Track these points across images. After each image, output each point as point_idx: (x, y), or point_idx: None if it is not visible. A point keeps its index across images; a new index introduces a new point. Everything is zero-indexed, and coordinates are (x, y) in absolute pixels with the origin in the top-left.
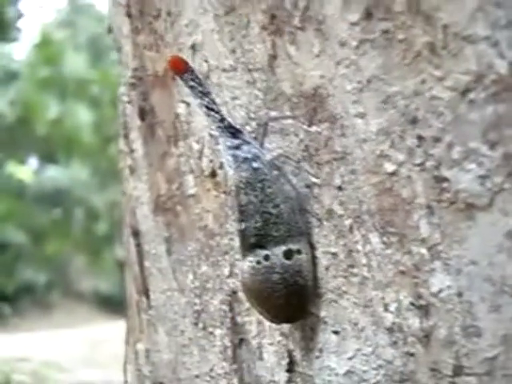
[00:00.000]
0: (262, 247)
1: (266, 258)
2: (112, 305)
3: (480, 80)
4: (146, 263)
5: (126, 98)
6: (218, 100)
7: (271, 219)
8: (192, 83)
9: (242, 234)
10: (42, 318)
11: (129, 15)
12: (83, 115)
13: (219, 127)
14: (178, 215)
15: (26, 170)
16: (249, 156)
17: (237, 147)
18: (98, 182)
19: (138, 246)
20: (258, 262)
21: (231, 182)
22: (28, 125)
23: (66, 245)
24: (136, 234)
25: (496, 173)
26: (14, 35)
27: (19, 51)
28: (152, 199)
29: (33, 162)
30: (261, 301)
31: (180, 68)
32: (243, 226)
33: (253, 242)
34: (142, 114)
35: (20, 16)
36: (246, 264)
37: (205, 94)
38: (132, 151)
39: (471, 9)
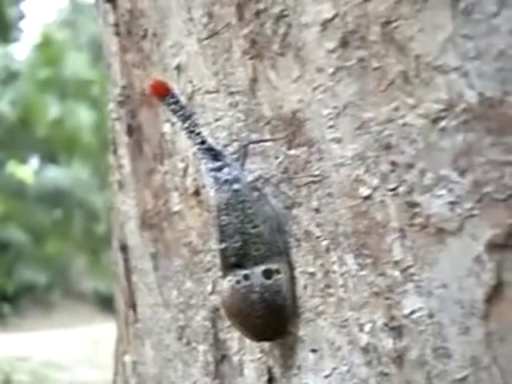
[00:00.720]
0: (242, 267)
1: (246, 277)
2: (112, 305)
3: (451, 108)
4: (134, 277)
5: (114, 115)
6: (201, 121)
7: (251, 239)
8: (173, 106)
9: (222, 254)
10: (42, 318)
11: (117, 34)
12: (84, 116)
13: (200, 149)
14: (164, 231)
15: (26, 170)
16: (229, 178)
17: (218, 169)
18: (99, 182)
19: (126, 260)
20: (238, 282)
21: (212, 202)
22: (29, 125)
23: (67, 245)
24: (124, 248)
25: (466, 199)
26: (16, 35)
27: (20, 51)
28: (139, 214)
29: (34, 162)
30: (240, 319)
31: (162, 92)
32: (223, 245)
33: (232, 262)
34: (130, 131)
35: (22, 17)
36: (226, 283)
37: (186, 117)
38: (120, 167)
39: (442, 40)
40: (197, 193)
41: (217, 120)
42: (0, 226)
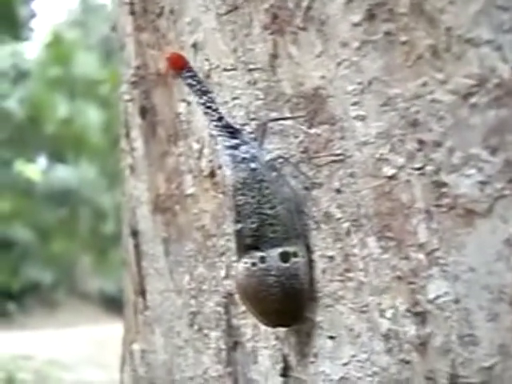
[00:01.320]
0: (258, 249)
1: (262, 259)
2: (117, 305)
3: (482, 84)
4: (144, 263)
5: (127, 97)
6: (218, 99)
7: (268, 220)
8: (191, 81)
9: (238, 235)
10: (47, 317)
11: (132, 13)
12: (92, 115)
13: (217, 126)
14: (177, 215)
15: (34, 169)
16: (247, 156)
17: (235, 147)
18: (106, 181)
19: (136, 246)
20: (254, 264)
21: (228, 181)
22: (37, 124)
23: (73, 244)
24: (135, 233)
25: (496, 179)
26: (26, 34)
27: (30, 50)
28: (151, 199)
29: (41, 161)
30: (255, 304)
31: (179, 65)
32: (239, 226)
33: (248, 243)
34: (143, 112)
35: (33, 16)
36: (241, 265)
37: (204, 92)
38: (132, 150)
39: (475, 11)
40: (212, 174)
41: (234, 99)
42: (7, 225)
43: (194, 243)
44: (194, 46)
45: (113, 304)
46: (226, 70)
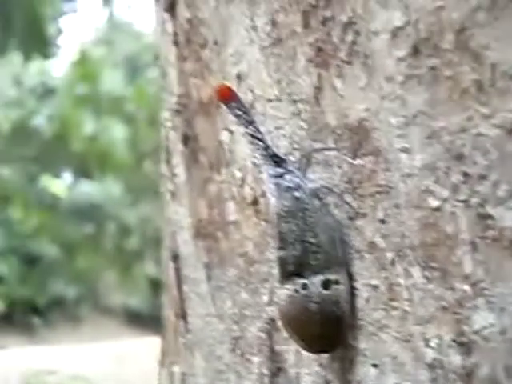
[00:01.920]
0: (300, 276)
1: (304, 286)
2: (141, 321)
3: None
4: (185, 287)
5: (169, 124)
6: (262, 129)
7: (311, 248)
8: (238, 111)
9: (281, 262)
10: (71, 332)
11: (176, 43)
12: (118, 132)
13: (263, 155)
14: (219, 241)
15: (59, 184)
16: (291, 185)
17: (280, 176)
18: (131, 197)
19: (177, 269)
20: (296, 291)
21: (273, 209)
22: (64, 140)
23: (97, 259)
24: (175, 257)
25: None
26: (53, 52)
27: (58, 68)
28: (193, 224)
29: (67, 177)
30: (297, 329)
31: (227, 96)
32: (282, 253)
33: (291, 270)
34: (186, 139)
35: (60, 33)
36: (284, 292)
37: (250, 122)
38: (174, 176)
39: None
40: (255, 202)
41: (278, 128)
42: (32, 240)
43: (236, 269)
44: (238, 76)
45: (136, 320)
46: (269, 100)
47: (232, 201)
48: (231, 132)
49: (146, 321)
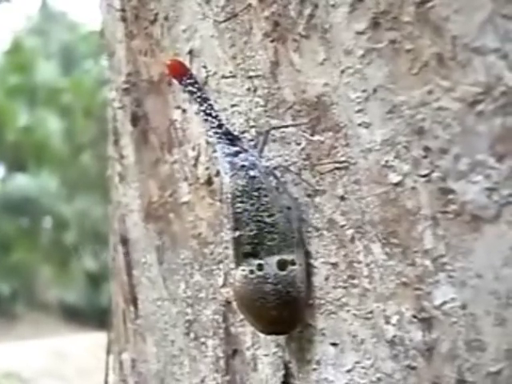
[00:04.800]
0: (256, 256)
1: (260, 267)
2: (79, 317)
3: (488, 92)
4: (135, 272)
5: (117, 104)
6: (216, 106)
7: (266, 228)
8: (191, 88)
9: (236, 243)
10: (6, 329)
11: (123, 20)
12: (53, 124)
13: (217, 133)
14: (171, 223)
15: None
16: (246, 164)
17: (234, 154)
18: (67, 191)
19: (127, 254)
20: (251, 272)
21: (227, 189)
22: None
23: (33, 254)
24: (125, 242)
25: (503, 185)
26: None
27: None
28: (143, 207)
29: (0, 169)
30: (252, 311)
31: (179, 72)
32: (237, 234)
33: (246, 251)
34: (135, 119)
35: None
36: (239, 273)
37: (203, 99)
38: (122, 157)
39: (480, 21)
40: (209, 182)
41: (233, 106)
42: None
43: (189, 251)
44: (191, 52)
45: (73, 315)
46: (224, 77)
47: (185, 181)
48: (184, 110)
49: (83, 316)
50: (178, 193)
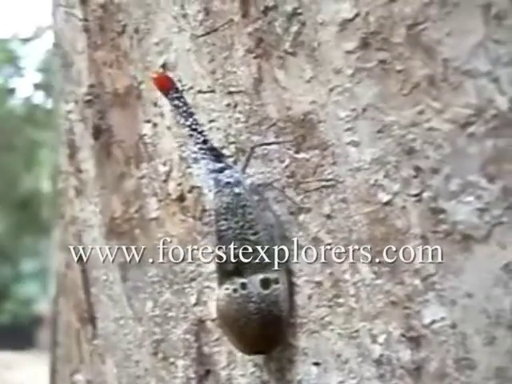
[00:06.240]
0: (239, 275)
1: (243, 286)
2: None
3: (480, 114)
4: (94, 290)
5: (75, 116)
6: (201, 122)
7: (250, 246)
8: (177, 102)
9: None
10: None
11: (86, 30)
12: None
13: (202, 149)
14: (136, 239)
15: None
16: (231, 180)
17: (219, 171)
18: None
19: (84, 271)
20: (235, 290)
21: (211, 206)
22: None
23: None
24: (81, 258)
25: (495, 206)
26: None
27: None
28: (104, 222)
29: None
30: (235, 330)
31: (166, 86)
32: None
33: (230, 269)
34: (97, 133)
35: None
36: (222, 292)
37: (189, 114)
38: (80, 171)
39: (472, 44)
40: (181, 198)
41: (211, 121)
42: None
43: (158, 268)
44: (164, 66)
45: None
46: (201, 91)
47: (154, 197)
48: (155, 124)
49: None
50: (146, 208)
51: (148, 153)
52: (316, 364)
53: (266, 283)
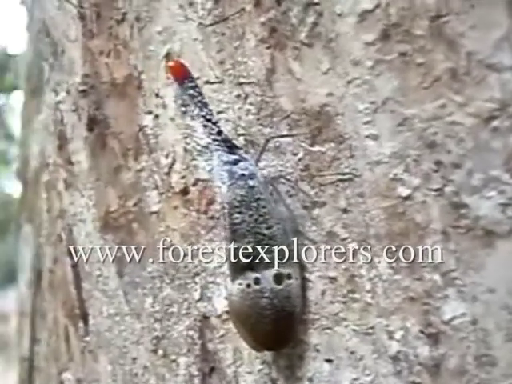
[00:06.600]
0: (253, 270)
1: (257, 281)
2: None
3: (504, 108)
4: (86, 285)
5: (67, 107)
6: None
7: (264, 240)
8: (192, 91)
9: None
10: None
11: (82, 17)
12: None
13: (216, 140)
14: (135, 234)
15: None
16: (246, 173)
17: (233, 163)
18: None
19: (75, 266)
20: (248, 286)
21: (224, 198)
22: None
23: None
24: (72, 253)
25: None
26: None
27: None
28: (99, 216)
29: None
30: (247, 326)
31: (181, 75)
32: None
33: (244, 264)
34: (92, 123)
35: None
36: (236, 287)
37: (204, 104)
38: (70, 163)
39: (497, 38)
40: (184, 191)
41: (219, 113)
42: None
43: (158, 263)
44: (167, 56)
45: None
46: (209, 82)
47: (154, 190)
48: (157, 116)
49: None
50: (145, 202)
51: (149, 145)
52: (328, 361)
53: (278, 278)
